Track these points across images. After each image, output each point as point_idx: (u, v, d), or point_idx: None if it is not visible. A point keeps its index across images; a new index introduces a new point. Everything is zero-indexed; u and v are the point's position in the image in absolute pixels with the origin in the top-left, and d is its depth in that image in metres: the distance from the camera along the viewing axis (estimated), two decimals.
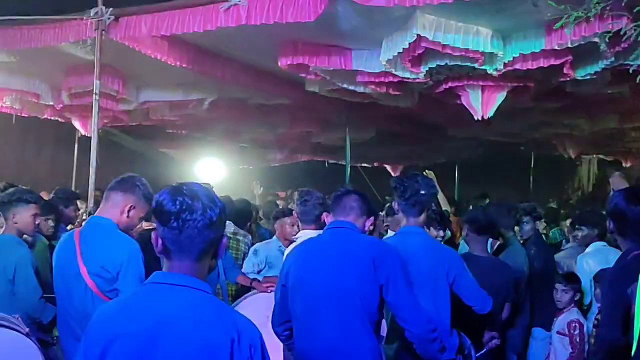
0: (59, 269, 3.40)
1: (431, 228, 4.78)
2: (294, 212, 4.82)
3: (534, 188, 13.15)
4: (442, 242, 4.72)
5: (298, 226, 4.74)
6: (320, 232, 4.18)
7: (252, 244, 5.52)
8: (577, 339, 4.30)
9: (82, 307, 3.16)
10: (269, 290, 4.73)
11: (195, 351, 1.84)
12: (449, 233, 6.22)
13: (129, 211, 3.31)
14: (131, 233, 3.53)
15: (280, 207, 6.70)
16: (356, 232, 3.06)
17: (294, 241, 5.11)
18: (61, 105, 7.53)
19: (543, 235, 6.03)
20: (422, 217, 3.51)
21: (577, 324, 4.35)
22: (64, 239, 3.47)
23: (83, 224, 3.67)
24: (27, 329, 2.93)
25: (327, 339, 2.87)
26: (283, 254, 4.20)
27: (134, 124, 9.01)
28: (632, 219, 2.89)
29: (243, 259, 5.36)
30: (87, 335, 1.95)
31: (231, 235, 5.47)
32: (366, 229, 3.12)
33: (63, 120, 8.32)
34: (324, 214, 3.20)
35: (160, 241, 1.94)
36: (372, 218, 3.13)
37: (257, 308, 4.16)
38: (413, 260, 3.46)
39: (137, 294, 2.00)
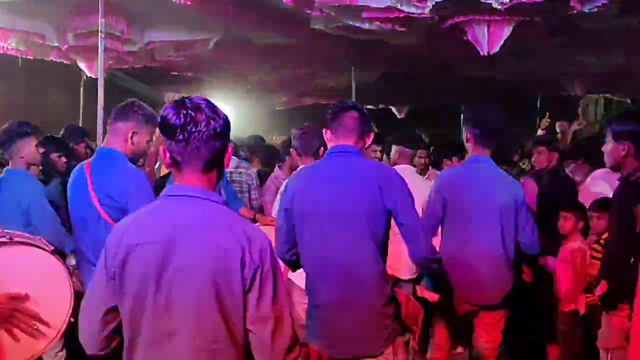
0: (72, 199, 3.50)
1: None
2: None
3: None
4: None
5: None
6: None
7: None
8: (579, 267, 4.39)
9: (96, 236, 3.25)
10: (273, 224, 4.84)
11: (209, 257, 1.97)
12: None
13: (132, 137, 3.39)
14: (145, 169, 3.60)
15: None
16: (360, 157, 3.09)
17: None
18: (66, 47, 7.48)
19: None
20: (490, 149, 3.88)
21: (579, 253, 4.43)
22: (75, 170, 3.56)
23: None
24: (51, 247, 3.00)
25: (336, 262, 2.93)
26: None
27: (139, 66, 8.97)
28: None
29: (248, 192, 5.48)
30: (107, 248, 2.10)
31: (233, 170, 5.58)
32: (366, 145, 3.16)
33: (69, 62, 8.29)
34: (324, 129, 3.16)
35: (167, 154, 2.03)
36: (371, 135, 3.17)
37: None
38: (484, 187, 3.81)
39: (151, 207, 2.12)
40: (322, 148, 4.34)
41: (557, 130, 8.38)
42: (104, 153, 3.51)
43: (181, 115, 1.96)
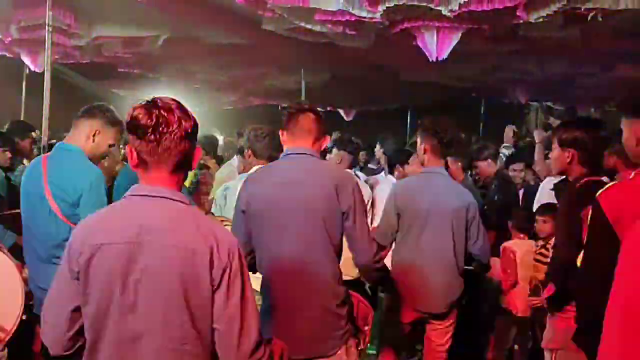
0: (26, 192, 3.47)
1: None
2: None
3: (484, 134, 13.36)
4: None
5: None
6: None
7: None
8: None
9: (46, 230, 3.24)
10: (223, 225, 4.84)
11: (177, 257, 1.97)
12: None
13: (94, 136, 3.38)
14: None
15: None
16: (316, 159, 3.11)
17: None
18: (10, 39, 7.30)
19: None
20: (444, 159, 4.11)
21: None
22: (32, 163, 3.58)
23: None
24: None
25: (291, 263, 2.94)
26: None
27: (85, 61, 8.80)
28: (591, 148, 3.06)
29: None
30: (70, 247, 2.07)
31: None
32: (322, 148, 3.18)
33: (11, 55, 8.08)
34: (280, 131, 3.17)
35: (135, 154, 2.01)
36: (327, 137, 3.20)
37: None
38: (438, 197, 3.96)
39: (117, 206, 2.11)
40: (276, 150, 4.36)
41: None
42: (62, 148, 3.48)
43: (153, 116, 1.96)
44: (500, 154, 7.20)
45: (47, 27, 5.30)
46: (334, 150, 5.39)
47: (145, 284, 1.96)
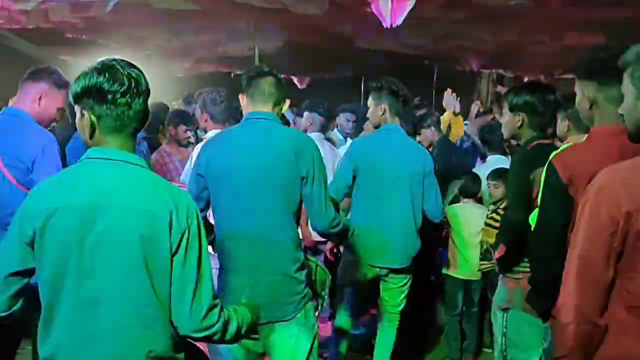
0: None
1: None
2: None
3: (437, 102, 13.47)
4: None
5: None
6: None
7: None
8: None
9: (2, 195, 3.14)
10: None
11: (135, 220, 1.94)
12: None
13: (39, 99, 3.28)
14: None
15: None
16: (277, 123, 3.08)
17: (186, 145, 5.23)
18: None
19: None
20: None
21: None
22: None
23: None
24: None
25: (250, 228, 2.93)
26: None
27: (31, 26, 8.56)
28: (541, 110, 3.13)
29: None
30: (23, 211, 2.02)
31: None
32: (282, 111, 3.17)
33: None
34: (240, 95, 3.12)
35: (94, 120, 1.98)
36: (287, 101, 3.18)
37: None
38: (397, 154, 4.02)
39: (74, 169, 2.07)
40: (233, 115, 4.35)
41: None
42: (9, 113, 3.38)
43: (124, 79, 1.94)
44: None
45: None
46: (305, 113, 5.36)
47: (104, 248, 1.94)
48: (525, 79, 11.71)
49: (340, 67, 12.87)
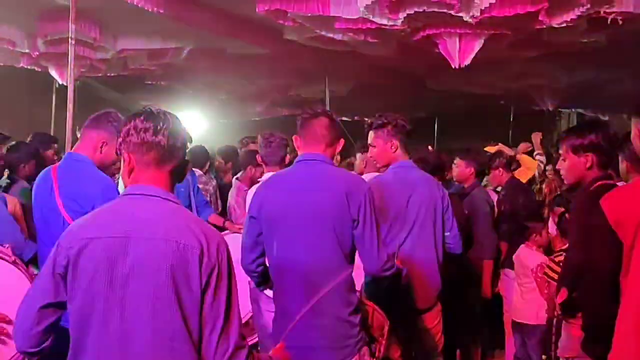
0: (37, 204, 3.47)
1: None
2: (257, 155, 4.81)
3: (513, 142, 13.23)
4: None
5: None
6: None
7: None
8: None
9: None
10: (241, 232, 4.87)
11: (167, 252, 1.98)
12: None
13: (102, 147, 3.37)
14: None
15: None
16: (329, 165, 3.07)
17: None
18: (37, 53, 7.42)
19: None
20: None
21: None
22: (41, 175, 3.54)
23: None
24: (13, 258, 2.98)
25: (303, 271, 2.90)
26: None
27: (112, 74, 8.94)
28: (608, 149, 3.01)
29: (210, 200, 5.52)
30: (59, 243, 2.10)
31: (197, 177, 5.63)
32: (336, 152, 3.15)
33: (39, 69, 8.22)
34: (294, 137, 3.15)
35: (132, 158, 2.12)
36: (341, 141, 3.16)
37: None
38: (415, 191, 3.79)
39: (110, 205, 2.20)
40: (287, 156, 4.39)
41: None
42: (72, 158, 3.48)
43: (157, 121, 2.10)
44: (538, 162, 7.14)
45: (69, 40, 5.37)
46: (358, 154, 5.35)
47: (135, 278, 1.97)
48: (606, 118, 11.39)
49: (412, 108, 12.83)
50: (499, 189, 5.92)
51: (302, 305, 2.87)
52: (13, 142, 5.30)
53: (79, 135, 3.58)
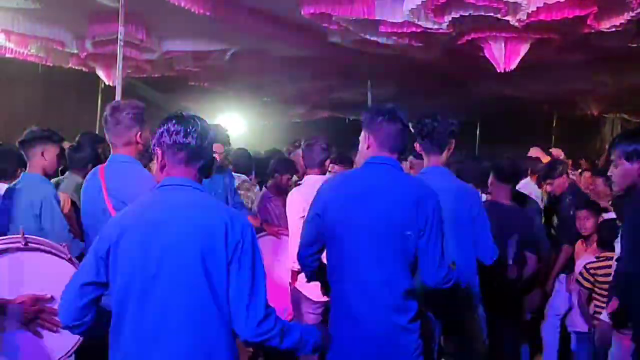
0: (86, 205, 3.52)
1: None
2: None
3: (556, 147, 13.07)
4: None
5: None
6: (325, 177, 4.33)
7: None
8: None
9: None
10: (278, 235, 4.92)
11: (196, 231, 2.25)
12: None
13: (138, 137, 3.45)
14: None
15: None
16: (399, 170, 2.97)
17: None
18: (85, 54, 7.57)
19: None
20: (444, 155, 3.53)
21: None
22: (89, 176, 3.58)
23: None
24: (69, 255, 3.09)
25: (363, 274, 2.84)
26: None
27: (157, 75, 9.06)
28: None
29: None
30: (102, 231, 2.38)
31: (240, 183, 5.70)
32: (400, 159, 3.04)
33: (87, 70, 8.38)
34: (366, 136, 2.99)
35: (165, 156, 2.37)
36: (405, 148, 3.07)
37: (264, 249, 4.31)
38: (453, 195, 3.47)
39: (147, 195, 2.45)
40: (328, 161, 4.44)
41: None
42: (117, 160, 3.53)
43: (182, 132, 2.35)
44: None
45: (118, 41, 5.46)
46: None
47: (167, 258, 2.21)
48: None
49: (456, 112, 12.72)
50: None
51: (362, 312, 2.83)
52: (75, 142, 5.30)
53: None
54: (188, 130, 2.33)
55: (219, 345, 2.24)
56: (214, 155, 2.60)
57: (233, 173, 5.78)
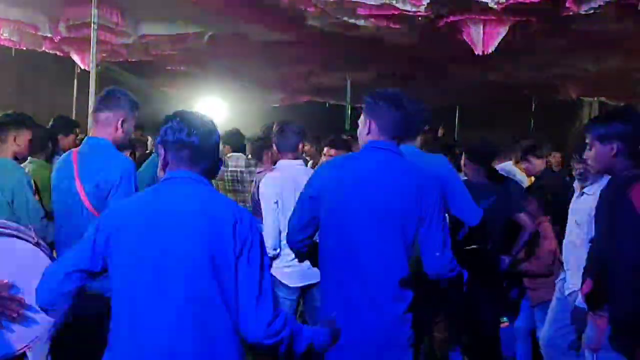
0: (57, 189, 3.46)
1: None
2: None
3: (535, 133, 13.12)
4: None
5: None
6: (299, 162, 4.31)
7: None
8: None
9: (79, 226, 3.17)
10: None
11: (205, 224, 2.17)
12: None
13: (122, 125, 3.37)
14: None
15: None
16: (401, 155, 2.87)
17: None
18: (59, 38, 7.44)
19: None
20: (419, 140, 3.59)
21: None
22: (62, 159, 3.54)
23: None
24: (37, 239, 2.96)
25: (358, 261, 2.77)
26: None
27: (133, 59, 8.95)
28: (635, 137, 2.91)
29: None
30: (103, 216, 2.34)
31: (244, 169, 5.70)
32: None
33: (62, 54, 8.24)
34: (366, 120, 2.88)
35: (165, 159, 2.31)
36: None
37: None
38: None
39: (153, 187, 2.42)
40: (301, 144, 4.35)
41: None
42: (91, 143, 3.46)
43: (192, 122, 2.30)
44: None
45: (92, 25, 5.37)
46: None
47: (173, 249, 2.14)
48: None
49: (434, 97, 12.72)
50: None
51: (355, 301, 2.77)
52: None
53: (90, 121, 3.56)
54: (192, 129, 2.26)
55: (224, 341, 2.15)
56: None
57: (231, 153, 5.85)
